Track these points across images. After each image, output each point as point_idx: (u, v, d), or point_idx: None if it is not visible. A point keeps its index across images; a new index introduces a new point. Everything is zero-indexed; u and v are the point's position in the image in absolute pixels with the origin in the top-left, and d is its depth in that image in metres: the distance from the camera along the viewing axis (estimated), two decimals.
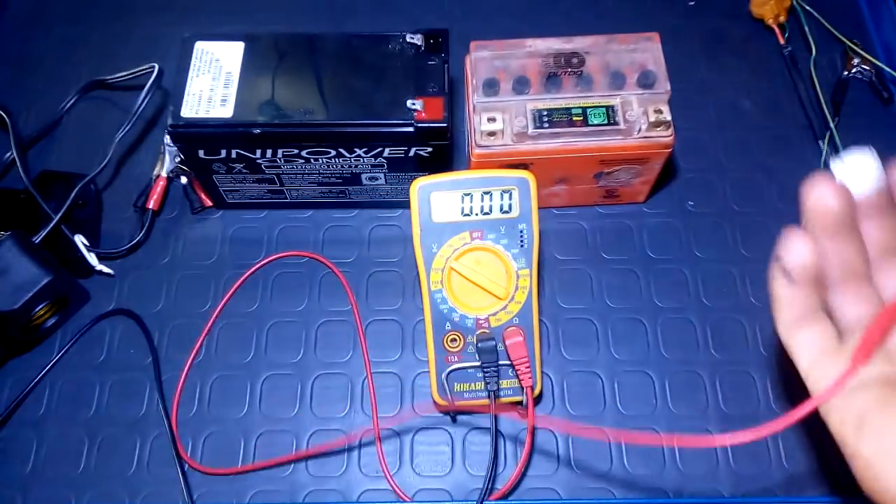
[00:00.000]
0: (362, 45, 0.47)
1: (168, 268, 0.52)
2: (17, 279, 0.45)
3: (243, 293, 0.51)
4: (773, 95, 0.58)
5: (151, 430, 0.47)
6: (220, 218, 0.54)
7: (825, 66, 0.59)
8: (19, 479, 0.46)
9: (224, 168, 0.48)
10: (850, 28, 0.60)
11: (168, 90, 0.56)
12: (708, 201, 0.54)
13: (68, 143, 0.57)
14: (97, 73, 0.58)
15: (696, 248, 0.53)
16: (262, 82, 0.46)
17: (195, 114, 0.45)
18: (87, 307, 0.51)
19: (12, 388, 0.48)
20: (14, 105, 0.57)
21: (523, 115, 0.45)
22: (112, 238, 0.53)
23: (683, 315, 0.50)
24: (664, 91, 0.45)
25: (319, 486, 0.45)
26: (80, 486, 0.45)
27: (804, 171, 0.54)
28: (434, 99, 0.45)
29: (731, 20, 0.62)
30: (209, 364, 0.49)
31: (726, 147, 0.56)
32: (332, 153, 0.47)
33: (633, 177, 0.50)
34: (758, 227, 0.53)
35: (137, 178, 0.55)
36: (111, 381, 0.49)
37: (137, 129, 0.57)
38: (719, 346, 0.49)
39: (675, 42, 0.59)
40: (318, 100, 0.46)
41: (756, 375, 0.48)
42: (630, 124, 0.45)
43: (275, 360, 0.49)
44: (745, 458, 0.45)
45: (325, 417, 0.47)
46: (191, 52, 0.47)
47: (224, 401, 0.48)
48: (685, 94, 0.57)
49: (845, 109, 0.57)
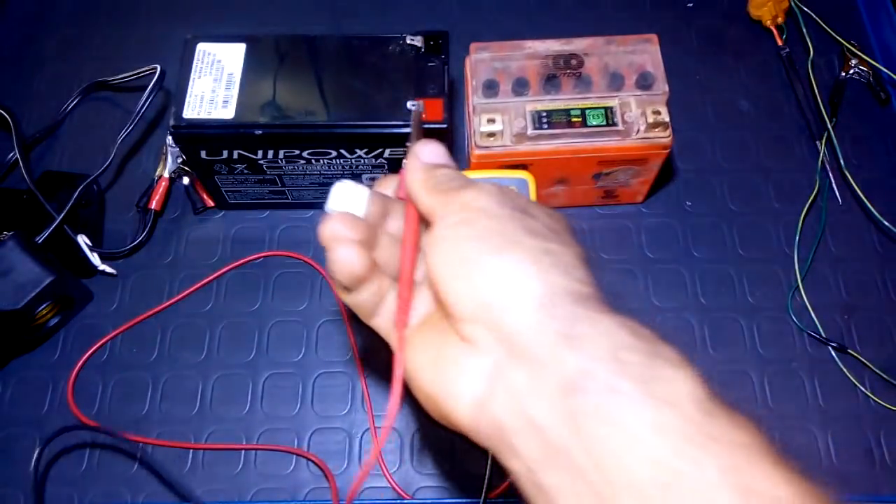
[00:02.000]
0: (363, 46, 0.48)
1: (170, 268, 0.53)
2: (19, 279, 0.46)
3: (243, 293, 0.52)
4: (770, 96, 0.59)
5: (153, 429, 0.47)
6: (221, 218, 0.54)
7: (823, 67, 0.59)
8: (21, 478, 0.46)
9: (226, 169, 0.49)
10: (847, 29, 0.60)
11: (170, 91, 0.56)
12: (706, 202, 0.55)
13: (71, 143, 0.57)
14: (100, 74, 0.58)
15: (693, 248, 0.53)
16: (263, 84, 0.46)
17: (197, 115, 0.45)
18: (91, 305, 0.51)
19: (15, 388, 0.49)
20: (17, 105, 0.57)
21: (523, 116, 0.45)
22: (114, 238, 0.53)
23: (681, 315, 0.51)
24: (662, 92, 0.45)
25: (320, 483, 0.46)
26: (83, 486, 0.46)
27: (802, 172, 0.56)
28: (434, 100, 0.45)
29: (730, 21, 0.62)
30: (210, 364, 0.49)
31: (724, 148, 0.57)
32: (332, 154, 0.47)
33: (631, 177, 0.50)
34: (755, 227, 0.54)
35: (140, 178, 0.55)
36: (113, 381, 0.49)
37: (140, 129, 0.57)
38: (717, 346, 0.50)
39: (674, 43, 0.59)
40: (319, 101, 0.46)
41: (754, 374, 0.49)
42: (628, 125, 0.45)
43: (276, 359, 0.50)
44: None
45: (327, 416, 0.48)
46: (193, 54, 0.47)
47: (225, 400, 0.48)
48: (683, 95, 0.58)
49: (843, 110, 0.57)
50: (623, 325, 0.23)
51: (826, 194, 0.54)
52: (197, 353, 0.50)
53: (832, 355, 0.49)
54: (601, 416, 0.21)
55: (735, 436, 0.21)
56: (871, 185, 0.54)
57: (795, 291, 0.51)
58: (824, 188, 0.54)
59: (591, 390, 0.22)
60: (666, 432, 0.21)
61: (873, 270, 0.52)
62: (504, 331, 0.23)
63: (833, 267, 0.52)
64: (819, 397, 0.48)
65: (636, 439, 0.21)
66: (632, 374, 0.22)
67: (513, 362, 0.23)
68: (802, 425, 0.47)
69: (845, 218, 0.54)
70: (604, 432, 0.21)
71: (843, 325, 0.50)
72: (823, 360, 0.49)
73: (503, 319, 0.23)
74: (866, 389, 0.48)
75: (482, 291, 0.24)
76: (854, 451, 0.46)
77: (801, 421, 0.47)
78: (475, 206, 0.26)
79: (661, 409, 0.21)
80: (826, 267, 0.52)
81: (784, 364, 0.49)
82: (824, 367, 0.49)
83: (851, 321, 0.50)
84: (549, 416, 0.22)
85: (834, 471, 0.46)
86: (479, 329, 0.24)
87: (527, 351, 0.23)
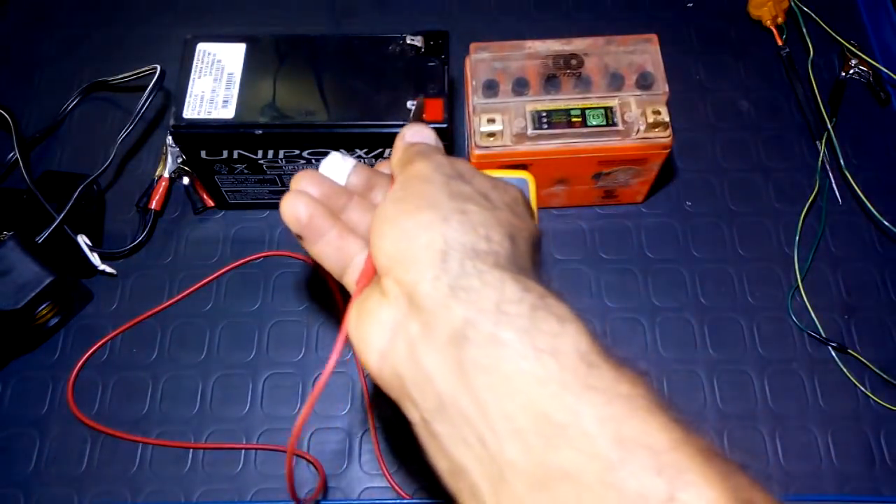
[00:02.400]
0: (363, 46, 0.48)
1: (170, 268, 0.53)
2: (19, 279, 0.46)
3: (243, 293, 0.52)
4: (770, 96, 0.59)
5: (153, 429, 0.47)
6: (221, 218, 0.54)
7: (823, 67, 0.59)
8: (21, 478, 0.46)
9: (226, 169, 0.49)
10: (847, 29, 0.60)
11: (170, 91, 0.56)
12: (706, 201, 0.55)
13: (71, 143, 0.57)
14: (100, 74, 0.58)
15: (693, 247, 0.53)
16: (263, 84, 0.46)
17: (197, 115, 0.45)
18: (91, 305, 0.51)
19: (15, 387, 0.49)
20: (17, 106, 0.57)
21: (522, 116, 0.46)
22: (114, 238, 0.53)
23: (681, 314, 0.51)
24: (662, 92, 0.45)
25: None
26: (83, 486, 0.46)
27: (802, 172, 0.56)
28: (434, 100, 0.45)
29: (730, 21, 0.62)
30: (210, 364, 0.49)
31: (724, 148, 0.57)
32: None
33: (631, 177, 0.50)
34: (755, 226, 0.54)
35: (140, 178, 0.55)
36: (113, 381, 0.49)
37: (139, 129, 0.57)
38: (717, 345, 0.50)
39: (674, 43, 0.59)
40: (319, 101, 0.46)
41: (753, 374, 0.49)
42: (628, 125, 0.45)
43: (276, 359, 0.50)
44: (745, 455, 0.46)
45: (326, 416, 0.48)
46: (193, 54, 0.47)
47: (225, 400, 0.48)
48: (683, 95, 0.58)
49: (842, 110, 0.57)
50: (513, 279, 0.24)
51: (826, 194, 0.54)
52: (197, 353, 0.50)
53: (832, 355, 0.49)
54: (484, 366, 0.22)
55: (617, 387, 0.22)
56: (871, 185, 0.54)
57: (795, 291, 0.51)
58: (824, 188, 0.54)
59: (474, 341, 0.23)
60: (545, 382, 0.22)
61: (873, 270, 0.52)
62: (405, 284, 0.25)
63: (833, 267, 0.52)
64: (819, 397, 0.48)
65: (517, 389, 0.22)
66: (515, 325, 0.23)
67: (411, 314, 0.25)
68: (802, 425, 0.47)
69: (845, 218, 0.54)
70: (487, 381, 0.22)
71: (843, 325, 0.50)
72: (823, 360, 0.49)
73: (406, 273, 0.25)
74: (866, 389, 0.48)
75: (393, 247, 0.26)
76: (854, 451, 0.46)
77: (801, 421, 0.47)
78: (413, 173, 0.28)
79: (541, 359, 0.22)
80: (826, 267, 0.52)
81: (784, 364, 0.49)
82: (824, 367, 0.49)
83: (851, 321, 0.50)
84: (439, 365, 0.23)
85: (834, 471, 0.46)
86: (390, 282, 0.26)
87: (421, 303, 0.24)
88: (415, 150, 0.30)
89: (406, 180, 0.28)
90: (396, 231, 0.26)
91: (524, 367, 0.22)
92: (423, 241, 0.25)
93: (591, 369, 0.22)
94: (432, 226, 0.25)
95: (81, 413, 0.47)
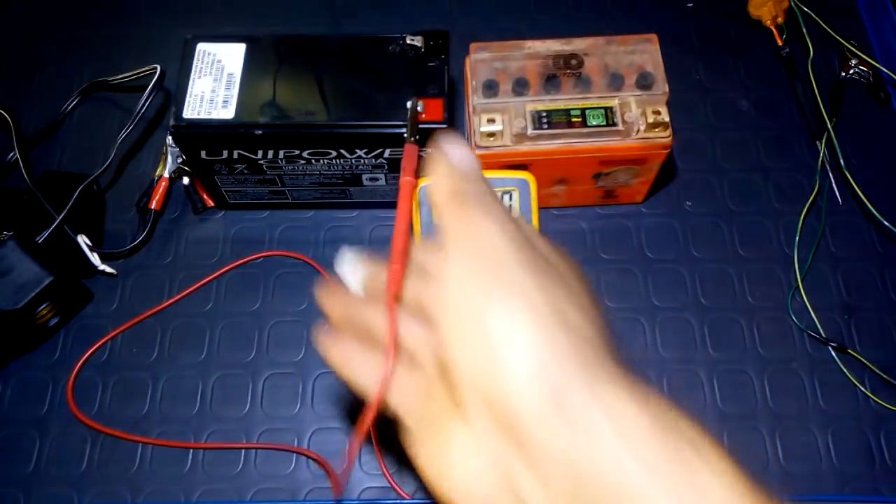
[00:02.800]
0: (363, 46, 0.48)
1: (170, 268, 0.53)
2: (19, 279, 0.46)
3: (243, 293, 0.52)
4: (770, 96, 0.59)
5: (153, 429, 0.47)
6: (221, 218, 0.54)
7: (823, 67, 0.59)
8: (21, 478, 0.46)
9: (226, 169, 0.49)
10: (847, 29, 0.60)
11: (170, 91, 0.56)
12: (706, 201, 0.55)
13: (71, 143, 0.57)
14: (99, 74, 0.58)
15: (693, 248, 0.53)
16: (263, 84, 0.46)
17: (197, 115, 0.45)
18: (91, 305, 0.51)
19: (15, 387, 0.49)
20: (17, 105, 0.57)
21: (523, 116, 0.46)
22: (114, 238, 0.53)
23: (681, 314, 0.51)
24: (662, 92, 0.45)
25: (320, 483, 0.46)
26: (83, 486, 0.46)
27: (801, 172, 0.56)
28: (434, 100, 0.45)
29: (729, 21, 0.62)
30: (210, 364, 0.49)
31: (724, 148, 0.57)
32: (332, 154, 0.47)
33: (631, 177, 0.50)
34: (755, 227, 0.54)
35: (139, 178, 0.55)
36: (113, 381, 0.49)
37: (139, 129, 0.57)
38: (717, 346, 0.50)
39: (674, 43, 0.59)
40: (319, 101, 0.46)
41: (753, 374, 0.49)
42: (628, 125, 0.45)
43: (276, 359, 0.50)
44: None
45: (327, 416, 0.48)
46: (193, 54, 0.47)
47: (225, 400, 0.48)
48: (683, 95, 0.58)
49: (842, 110, 0.57)
50: (626, 388, 0.20)
51: (826, 194, 0.54)
52: (197, 353, 0.50)
53: (832, 355, 0.49)
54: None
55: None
56: (871, 185, 0.54)
57: (795, 291, 0.51)
58: (824, 188, 0.54)
59: (596, 482, 0.19)
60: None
61: (873, 270, 0.52)
62: (498, 404, 0.21)
63: (833, 267, 0.52)
64: (819, 397, 0.48)
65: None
66: (651, 464, 0.18)
67: (509, 444, 0.21)
68: (802, 425, 0.47)
69: (845, 218, 0.54)
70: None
71: (843, 325, 0.50)
72: (823, 360, 0.49)
73: (497, 387, 0.21)
74: (866, 389, 0.48)
75: (477, 353, 0.21)
76: (854, 451, 0.46)
77: (801, 421, 0.47)
78: (475, 233, 0.23)
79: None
80: (826, 267, 0.52)
81: (784, 364, 0.49)
82: (824, 367, 0.49)
83: (851, 321, 0.50)
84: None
85: (834, 471, 0.46)
86: (474, 400, 0.22)
87: (523, 432, 0.20)
88: (468, 194, 0.25)
89: (470, 246, 0.23)
90: (476, 328, 0.21)
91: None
92: (518, 344, 0.21)
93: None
94: (524, 321, 0.21)
95: (81, 413, 0.47)
